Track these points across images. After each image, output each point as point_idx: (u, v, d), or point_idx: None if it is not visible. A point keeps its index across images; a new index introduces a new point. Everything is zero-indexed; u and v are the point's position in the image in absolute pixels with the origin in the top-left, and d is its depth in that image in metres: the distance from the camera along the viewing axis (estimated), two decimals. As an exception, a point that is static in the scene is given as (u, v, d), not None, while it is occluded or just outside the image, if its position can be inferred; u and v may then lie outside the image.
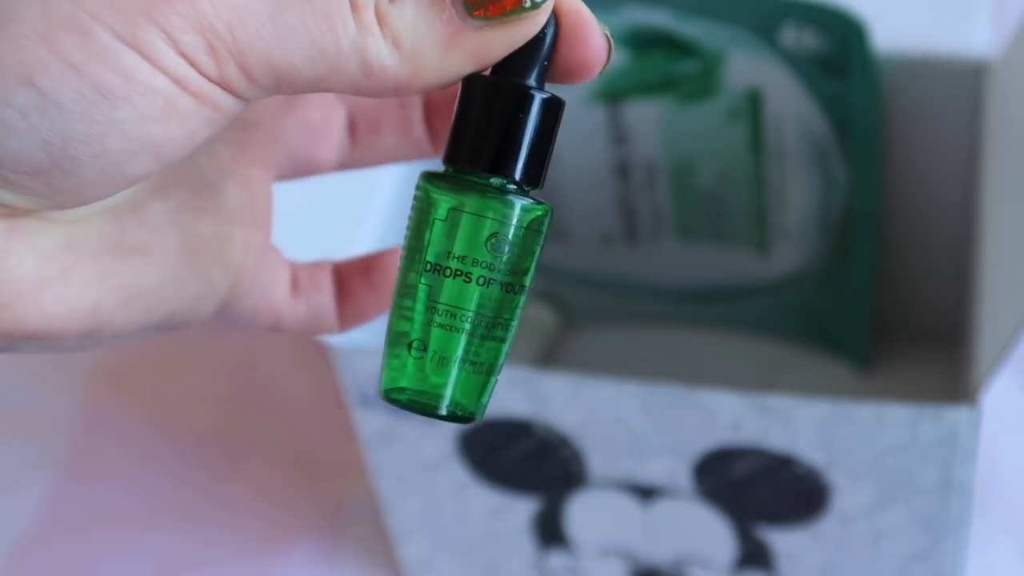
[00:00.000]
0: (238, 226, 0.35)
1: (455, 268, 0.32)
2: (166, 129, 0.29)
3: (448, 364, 0.33)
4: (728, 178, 0.70)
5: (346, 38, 0.30)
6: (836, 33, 0.62)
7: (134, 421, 0.76)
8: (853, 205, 0.69)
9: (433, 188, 0.32)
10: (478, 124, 0.32)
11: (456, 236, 0.32)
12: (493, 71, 0.32)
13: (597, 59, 0.32)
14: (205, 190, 0.34)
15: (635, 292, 0.77)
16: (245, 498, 0.72)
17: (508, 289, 0.33)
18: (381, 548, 0.69)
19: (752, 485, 0.57)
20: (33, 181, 0.29)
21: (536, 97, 0.32)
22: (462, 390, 0.33)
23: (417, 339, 0.33)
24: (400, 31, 0.30)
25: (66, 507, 0.73)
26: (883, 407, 0.53)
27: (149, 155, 0.29)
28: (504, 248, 0.32)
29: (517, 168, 0.32)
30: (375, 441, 0.60)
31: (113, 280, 0.32)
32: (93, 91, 0.28)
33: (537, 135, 0.32)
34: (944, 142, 0.69)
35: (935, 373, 0.74)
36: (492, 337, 0.33)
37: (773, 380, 0.75)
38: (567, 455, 0.58)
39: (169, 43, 0.29)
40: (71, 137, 0.28)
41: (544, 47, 0.32)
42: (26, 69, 0.28)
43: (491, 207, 0.32)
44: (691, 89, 0.67)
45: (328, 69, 0.30)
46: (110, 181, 0.30)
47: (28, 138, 0.28)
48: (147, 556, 0.70)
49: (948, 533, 0.57)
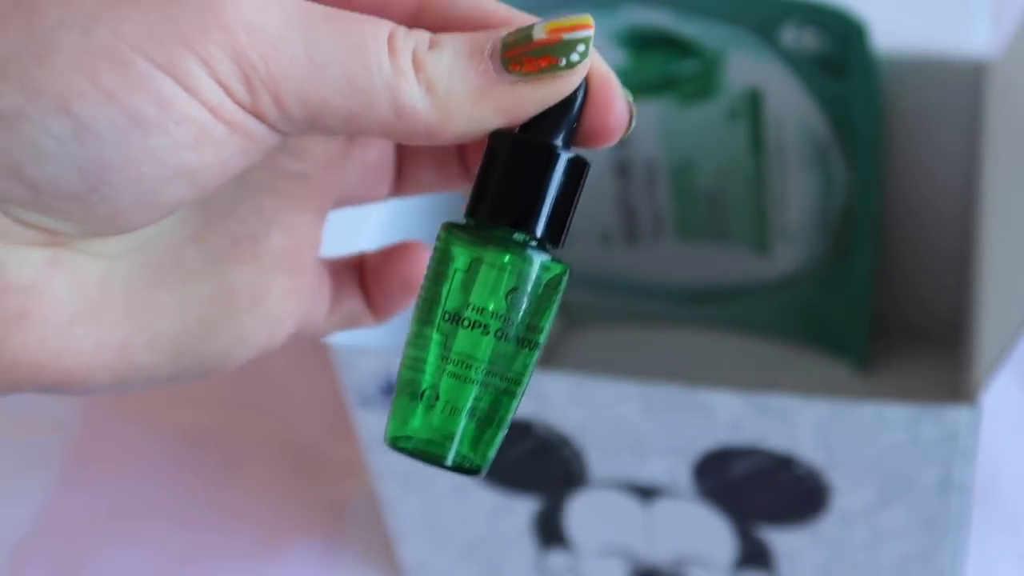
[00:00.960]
0: (277, 275, 0.35)
1: (472, 319, 0.32)
2: (200, 156, 0.30)
3: (458, 415, 0.33)
4: (728, 178, 0.70)
5: (380, 77, 0.30)
6: (836, 33, 0.62)
7: (133, 421, 0.76)
8: (853, 205, 0.69)
9: (455, 240, 0.33)
10: (504, 179, 0.32)
11: (475, 288, 0.32)
12: (521, 129, 0.32)
13: (620, 125, 0.33)
14: (245, 240, 0.34)
15: (635, 292, 0.77)
16: (245, 498, 0.72)
17: (523, 344, 0.33)
18: (381, 548, 0.69)
19: (752, 485, 0.57)
20: (71, 206, 0.29)
21: (563, 157, 0.32)
22: (470, 442, 0.33)
23: (429, 387, 0.33)
24: (435, 77, 0.31)
25: (66, 508, 0.73)
26: (883, 407, 0.53)
27: (184, 182, 0.30)
28: (522, 303, 0.32)
29: (539, 226, 0.32)
30: (375, 441, 0.60)
31: (142, 320, 0.32)
32: (127, 119, 0.29)
33: (561, 195, 0.32)
34: (944, 142, 0.69)
35: (935, 373, 0.74)
36: (504, 391, 0.33)
37: (773, 380, 0.75)
38: (567, 455, 0.59)
39: (206, 70, 0.29)
40: (106, 163, 0.29)
41: (574, 109, 0.32)
42: (63, 97, 0.28)
43: (513, 261, 0.32)
44: (691, 89, 0.67)
45: (360, 106, 0.30)
46: (147, 207, 0.30)
47: (65, 164, 0.29)
48: (147, 556, 0.70)
49: (948, 533, 0.57)
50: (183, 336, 0.33)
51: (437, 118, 0.31)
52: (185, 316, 0.33)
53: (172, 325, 0.33)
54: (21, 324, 0.30)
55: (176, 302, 0.33)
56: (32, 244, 0.30)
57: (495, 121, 0.31)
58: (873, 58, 0.63)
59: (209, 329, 0.34)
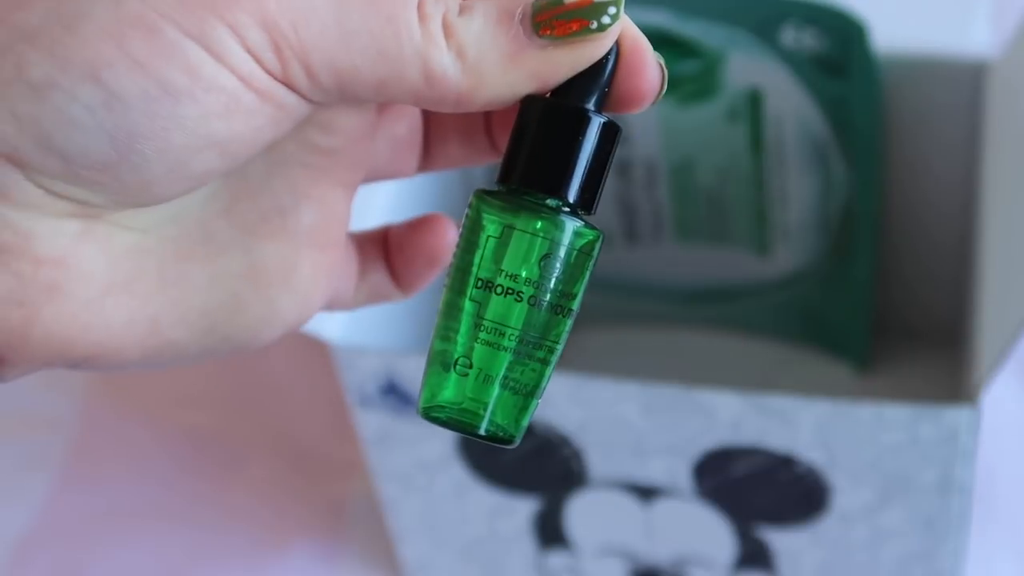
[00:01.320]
0: (307, 250, 0.34)
1: (506, 286, 0.32)
2: (230, 126, 0.29)
3: (491, 383, 0.32)
4: (728, 178, 0.70)
5: (410, 44, 0.30)
6: (836, 33, 0.62)
7: (134, 421, 0.76)
8: (853, 205, 0.69)
9: (487, 206, 0.32)
10: (536, 145, 0.32)
11: (508, 254, 0.32)
12: (552, 94, 0.32)
13: (652, 89, 0.32)
14: (275, 215, 0.34)
15: (635, 292, 0.77)
16: (245, 498, 0.72)
17: (556, 311, 0.33)
18: (381, 548, 0.69)
19: (752, 485, 0.57)
20: (101, 176, 0.29)
21: (596, 121, 0.32)
22: (503, 411, 0.33)
23: (462, 355, 0.32)
24: (465, 43, 0.30)
25: (66, 507, 0.73)
26: (883, 407, 0.53)
27: (214, 152, 0.30)
28: (555, 269, 0.32)
29: (573, 191, 0.32)
30: (375, 441, 0.60)
31: (173, 295, 0.32)
32: (157, 87, 0.29)
33: (594, 160, 0.32)
34: (944, 142, 0.69)
35: (935, 373, 0.74)
36: (536, 359, 0.33)
37: (773, 380, 0.75)
38: (567, 455, 0.59)
39: (236, 39, 0.29)
40: (136, 132, 0.29)
41: (605, 73, 0.32)
42: (93, 66, 0.28)
43: (546, 227, 0.32)
44: (691, 89, 0.67)
45: (390, 73, 0.30)
46: (177, 177, 0.30)
47: (95, 133, 0.29)
48: (148, 555, 0.70)
49: (948, 533, 0.57)
50: (214, 311, 0.33)
51: (468, 84, 0.31)
52: (216, 291, 0.33)
53: (203, 300, 0.33)
54: (52, 297, 0.30)
55: (206, 277, 0.33)
56: (63, 216, 0.30)
57: (526, 86, 0.31)
58: (873, 58, 0.63)
59: (239, 304, 0.33)
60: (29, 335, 0.30)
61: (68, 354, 0.31)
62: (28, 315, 0.30)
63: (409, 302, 0.65)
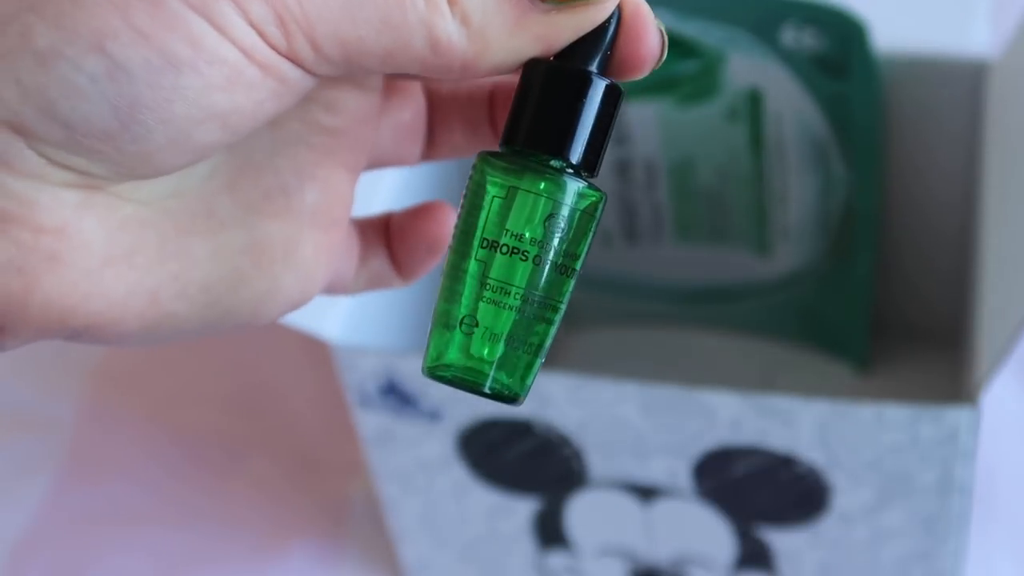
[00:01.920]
0: (310, 230, 0.35)
1: (510, 245, 0.32)
2: (232, 98, 0.30)
3: (496, 341, 0.33)
4: (728, 178, 0.70)
5: (414, 12, 0.30)
6: (836, 33, 0.62)
7: (134, 421, 0.76)
8: (853, 205, 0.69)
9: (491, 167, 0.33)
10: (539, 107, 0.33)
11: (512, 215, 0.33)
12: (555, 58, 0.33)
13: (652, 55, 0.33)
14: (278, 193, 0.34)
15: (635, 292, 0.77)
16: (245, 498, 0.72)
17: (560, 271, 0.33)
18: (381, 548, 0.69)
19: (752, 485, 0.57)
20: (104, 146, 0.29)
21: (599, 83, 0.33)
22: (508, 369, 0.33)
23: (467, 315, 0.33)
24: (469, 9, 0.31)
25: (66, 507, 0.73)
26: (883, 407, 0.53)
27: (216, 124, 0.30)
28: (559, 229, 0.33)
29: (576, 152, 0.33)
30: (375, 441, 0.60)
31: (174, 268, 0.32)
32: (160, 58, 0.29)
33: (597, 121, 0.33)
34: (944, 142, 0.69)
35: (935, 373, 0.74)
36: (541, 318, 0.33)
37: (773, 380, 0.75)
38: (567, 455, 0.59)
39: (238, 12, 0.29)
40: (138, 102, 0.29)
41: (607, 37, 0.33)
42: (98, 36, 0.28)
43: (550, 187, 0.32)
44: (691, 89, 0.67)
45: (395, 43, 0.30)
46: (179, 149, 0.30)
47: (98, 102, 0.29)
48: (147, 556, 0.70)
49: (948, 533, 0.57)
50: (215, 286, 0.33)
51: (474, 51, 0.31)
52: (217, 266, 0.33)
53: (204, 274, 0.33)
54: (52, 266, 0.30)
55: (208, 251, 0.33)
56: (65, 185, 0.30)
57: (531, 50, 0.32)
58: (873, 58, 0.63)
59: (240, 280, 0.34)
60: (28, 303, 0.30)
61: (67, 323, 0.31)
62: (28, 283, 0.30)
63: (409, 302, 0.65)
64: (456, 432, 0.59)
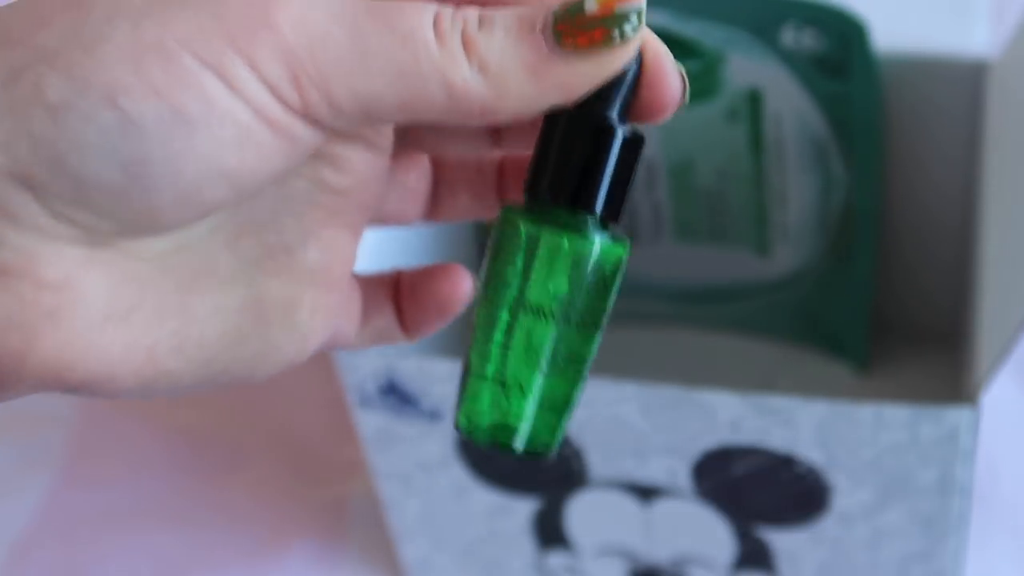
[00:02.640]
0: (309, 289, 0.34)
1: (535, 304, 0.32)
2: (242, 157, 0.30)
3: (524, 400, 0.33)
4: (728, 178, 0.70)
5: (428, 63, 0.30)
6: (836, 33, 0.62)
7: (133, 421, 0.76)
8: (853, 205, 0.69)
9: (514, 222, 0.33)
10: (562, 157, 0.32)
11: (535, 269, 0.32)
12: (576, 106, 0.32)
13: (674, 100, 0.32)
14: (281, 251, 0.34)
15: (635, 292, 0.77)
16: (245, 498, 0.72)
17: (586, 326, 0.33)
18: (381, 548, 0.69)
19: (752, 485, 0.57)
20: (111, 201, 0.29)
21: (620, 132, 0.32)
22: (538, 426, 0.33)
23: (495, 373, 0.33)
24: (487, 56, 0.30)
25: (65, 508, 0.73)
26: (883, 407, 0.53)
27: (225, 182, 0.30)
28: (583, 284, 0.32)
29: (599, 203, 0.32)
30: (375, 441, 0.60)
31: (172, 325, 0.32)
32: (172, 114, 0.29)
33: (621, 172, 0.32)
34: (944, 142, 0.69)
35: (935, 373, 0.74)
36: (568, 374, 0.33)
37: (773, 380, 0.75)
38: (567, 455, 0.59)
39: (251, 70, 0.29)
40: (148, 158, 0.29)
41: (628, 83, 0.32)
42: (110, 90, 0.28)
43: (575, 244, 0.32)
44: (691, 89, 0.67)
45: (412, 93, 0.30)
46: (186, 206, 0.30)
47: (107, 157, 0.29)
48: (146, 557, 0.70)
49: (948, 533, 0.57)
50: (212, 344, 0.33)
51: (492, 96, 0.31)
52: (215, 324, 0.33)
53: (202, 332, 0.32)
54: (51, 323, 0.30)
55: (207, 309, 0.33)
56: (68, 240, 0.30)
57: (550, 98, 0.31)
58: (873, 58, 0.63)
59: (239, 339, 0.33)
60: (27, 359, 0.30)
61: (64, 379, 0.31)
62: (27, 339, 0.30)
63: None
64: (455, 432, 0.59)
